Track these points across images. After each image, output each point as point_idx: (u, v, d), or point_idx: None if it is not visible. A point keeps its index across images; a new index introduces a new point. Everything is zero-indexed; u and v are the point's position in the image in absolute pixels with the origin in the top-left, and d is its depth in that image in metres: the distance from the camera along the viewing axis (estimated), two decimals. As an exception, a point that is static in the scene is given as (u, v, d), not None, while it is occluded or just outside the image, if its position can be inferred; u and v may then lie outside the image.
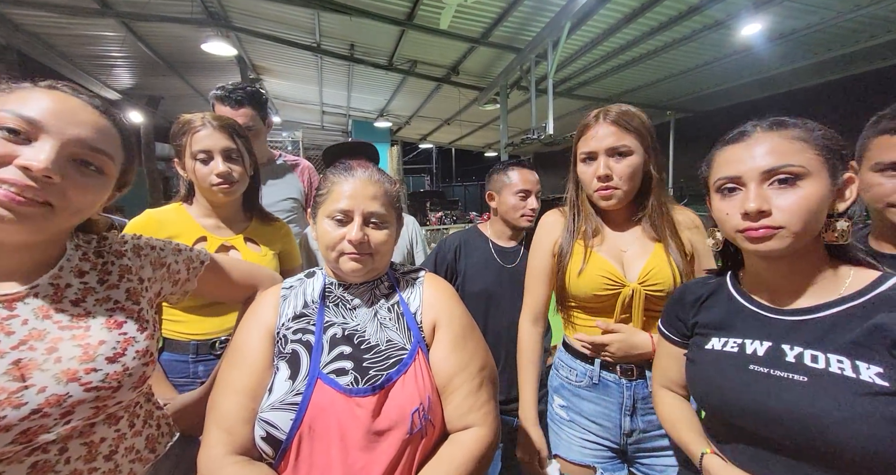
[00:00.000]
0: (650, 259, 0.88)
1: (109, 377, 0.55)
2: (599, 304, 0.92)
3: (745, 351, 0.61)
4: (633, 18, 4.15)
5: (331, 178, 0.73)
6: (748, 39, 4.42)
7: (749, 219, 0.58)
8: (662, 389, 0.79)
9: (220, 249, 1.03)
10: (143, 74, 6.54)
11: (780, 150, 0.57)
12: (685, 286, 0.77)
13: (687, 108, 7.53)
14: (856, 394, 0.50)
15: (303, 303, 0.72)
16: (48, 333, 0.54)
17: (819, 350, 0.55)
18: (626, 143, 0.86)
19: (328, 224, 0.70)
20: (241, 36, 5.28)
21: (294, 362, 0.65)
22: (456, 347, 0.70)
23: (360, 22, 4.64)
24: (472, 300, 1.21)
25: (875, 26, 4.13)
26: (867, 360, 0.52)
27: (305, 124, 11.26)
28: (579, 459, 0.95)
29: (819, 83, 5.60)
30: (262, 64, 6.66)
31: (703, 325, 0.70)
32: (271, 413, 0.61)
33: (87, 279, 0.61)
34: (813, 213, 0.56)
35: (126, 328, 0.60)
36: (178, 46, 5.53)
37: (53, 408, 0.51)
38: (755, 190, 0.58)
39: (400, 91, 7.41)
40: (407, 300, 0.74)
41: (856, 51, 4.58)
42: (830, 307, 0.57)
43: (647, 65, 5.39)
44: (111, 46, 5.43)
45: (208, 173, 0.99)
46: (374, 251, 0.70)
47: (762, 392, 0.57)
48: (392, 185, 0.75)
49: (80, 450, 0.55)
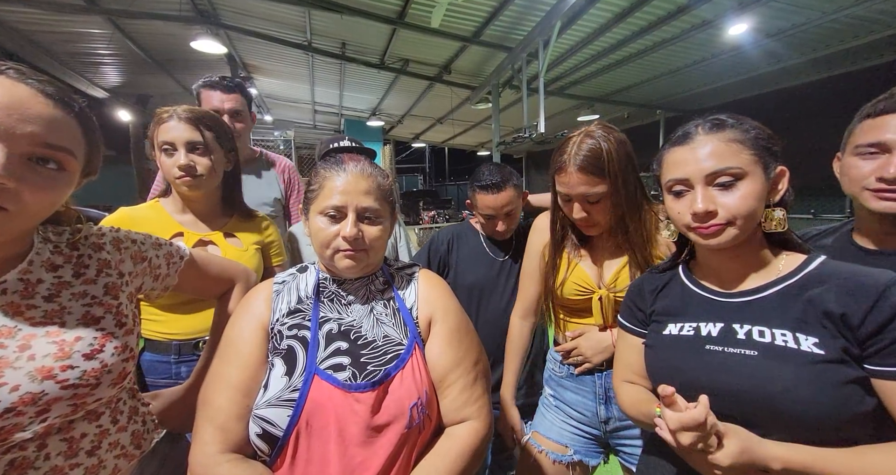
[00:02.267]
0: (618, 267, 0.96)
1: (87, 374, 0.54)
2: (578, 306, 1.00)
3: (700, 333, 0.67)
4: (623, 18, 4.19)
5: (322, 174, 0.71)
6: (735, 39, 4.48)
7: (698, 219, 0.64)
8: (624, 384, 0.81)
9: (198, 245, 1.02)
10: (132, 72, 6.45)
11: (719, 152, 0.63)
12: (642, 278, 0.83)
13: (676, 108, 7.62)
14: (798, 364, 0.56)
15: (297, 299, 0.71)
16: (19, 330, 0.52)
17: (765, 326, 0.61)
18: (596, 190, 0.90)
19: (321, 221, 0.69)
20: (231, 34, 5.23)
21: (290, 358, 0.64)
22: (452, 342, 0.71)
23: (352, 20, 4.62)
24: (463, 292, 1.23)
25: (858, 27, 4.22)
26: (805, 332, 0.58)
27: (297, 123, 11.18)
28: (556, 438, 1.00)
29: (806, 82, 5.69)
30: (253, 62, 6.60)
31: (659, 313, 0.75)
32: (268, 410, 0.60)
33: (61, 273, 0.58)
34: (753, 208, 0.62)
35: (104, 323, 0.58)
36: (167, 44, 5.46)
37: (28, 406, 0.49)
38: (702, 191, 0.63)
39: (392, 90, 7.39)
40: (402, 296, 0.74)
41: (840, 51, 4.67)
42: (770, 287, 0.64)
43: (636, 64, 5.45)
44: (98, 44, 5.34)
45: (171, 166, 0.97)
46: (369, 247, 0.70)
47: (718, 369, 0.62)
48: (385, 178, 0.74)
49: (60, 446, 0.54)
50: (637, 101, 7.17)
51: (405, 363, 0.65)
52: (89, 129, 0.56)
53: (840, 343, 0.55)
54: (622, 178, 0.90)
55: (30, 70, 0.52)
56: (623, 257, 0.96)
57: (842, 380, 0.54)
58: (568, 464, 0.98)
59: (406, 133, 11.69)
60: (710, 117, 0.66)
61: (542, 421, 1.05)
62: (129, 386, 0.66)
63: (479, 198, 1.18)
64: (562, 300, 1.00)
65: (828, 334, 0.56)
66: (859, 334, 0.55)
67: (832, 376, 0.54)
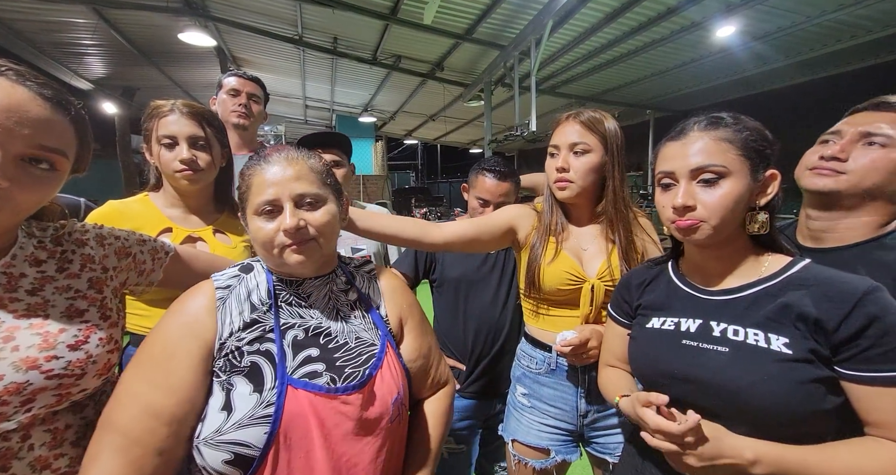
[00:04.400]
0: (607, 257, 0.97)
1: (72, 365, 0.54)
2: (563, 297, 0.98)
3: (679, 328, 0.69)
4: (614, 18, 4.23)
5: (246, 172, 0.66)
6: (723, 41, 4.56)
7: (677, 212, 0.65)
8: (606, 367, 0.85)
9: (187, 240, 1.01)
10: (118, 64, 6.31)
11: (707, 150, 0.64)
12: (631, 272, 0.85)
13: (666, 108, 7.72)
14: (766, 361, 0.59)
15: (249, 307, 0.63)
16: (3, 323, 0.53)
17: (739, 325, 0.63)
18: (586, 141, 0.93)
19: (258, 221, 0.63)
20: (221, 26, 5.15)
21: (255, 375, 0.59)
22: (423, 333, 0.77)
23: (344, 15, 4.59)
24: (450, 286, 1.24)
25: (841, 31, 4.32)
26: (776, 332, 0.60)
27: (288, 118, 11.06)
28: (535, 442, 1.00)
29: (791, 85, 5.82)
30: (243, 56, 6.51)
31: (645, 306, 0.77)
32: (239, 432, 0.55)
33: (45, 268, 0.59)
34: (731, 208, 0.63)
35: (88, 316, 0.59)
36: (154, 36, 5.36)
37: (13, 396, 0.50)
38: (685, 186, 0.65)
39: (384, 86, 7.36)
40: (369, 296, 0.74)
41: (824, 54, 4.78)
42: (750, 287, 0.66)
43: (627, 64, 5.50)
44: (82, 34, 5.22)
45: (172, 159, 0.98)
46: (318, 234, 0.64)
47: (690, 362, 0.65)
48: (317, 159, 0.69)
49: (44, 437, 0.54)
50: (627, 101, 7.24)
51: (381, 362, 0.66)
52: (82, 130, 0.57)
53: (809, 344, 0.57)
54: (617, 149, 0.94)
55: (29, 71, 0.53)
56: (605, 247, 0.97)
57: (806, 378, 0.56)
58: (553, 466, 0.98)
59: (398, 130, 11.65)
60: (711, 115, 0.67)
61: (517, 426, 1.03)
62: (113, 379, 0.66)
63: (482, 180, 1.21)
64: (548, 290, 0.97)
65: (799, 335, 0.58)
66: (833, 339, 0.56)
67: (797, 374, 0.56)
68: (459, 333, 1.21)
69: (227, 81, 1.55)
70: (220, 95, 1.55)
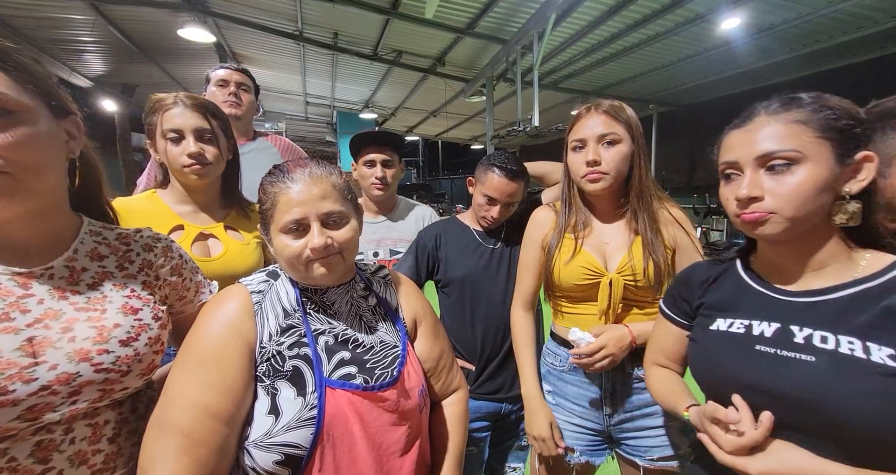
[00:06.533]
0: (629, 251, 0.92)
1: (120, 360, 0.56)
2: (581, 293, 0.96)
3: (751, 332, 0.61)
4: (618, 11, 4.18)
5: (270, 189, 0.66)
6: (727, 34, 4.50)
7: (741, 204, 0.59)
8: (654, 366, 0.80)
9: (199, 238, 0.99)
10: (117, 61, 6.27)
11: (775, 134, 0.57)
12: (692, 267, 0.77)
13: (669, 102, 7.66)
14: (864, 374, 0.50)
15: (283, 313, 0.67)
16: (64, 313, 0.55)
17: (829, 331, 0.55)
18: (615, 131, 0.90)
19: (285, 239, 0.65)
20: (220, 22, 5.10)
21: (297, 379, 0.62)
22: (436, 336, 0.81)
23: (344, 10, 4.54)
24: (455, 286, 1.21)
25: (847, 23, 4.26)
26: (879, 342, 0.51)
27: (289, 115, 11.01)
28: None
29: (795, 78, 5.76)
30: (243, 52, 6.46)
31: (708, 306, 0.70)
32: (287, 434, 0.58)
33: (106, 263, 0.62)
34: (807, 197, 0.55)
35: (141, 315, 0.62)
36: (153, 32, 5.32)
37: (62, 386, 0.51)
38: (750, 175, 0.58)
39: (385, 82, 7.31)
40: (388, 300, 0.77)
41: (829, 47, 4.72)
42: (844, 289, 0.57)
43: (630, 58, 5.45)
44: (80, 30, 5.18)
45: (179, 154, 0.95)
46: (342, 249, 0.67)
47: (766, 370, 0.57)
48: (339, 175, 0.71)
49: (85, 432, 0.55)
50: (630, 96, 7.19)
51: (405, 361, 0.71)
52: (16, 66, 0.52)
53: None
54: (641, 138, 0.92)
55: None
56: (628, 239, 0.93)
57: None
58: (576, 466, 0.97)
59: (399, 126, 11.59)
60: (784, 95, 0.60)
61: None
62: (153, 378, 0.68)
63: (491, 177, 1.14)
64: (566, 287, 0.95)
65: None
66: None
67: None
68: (468, 333, 1.19)
69: (215, 74, 1.54)
70: (210, 88, 1.53)
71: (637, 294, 0.93)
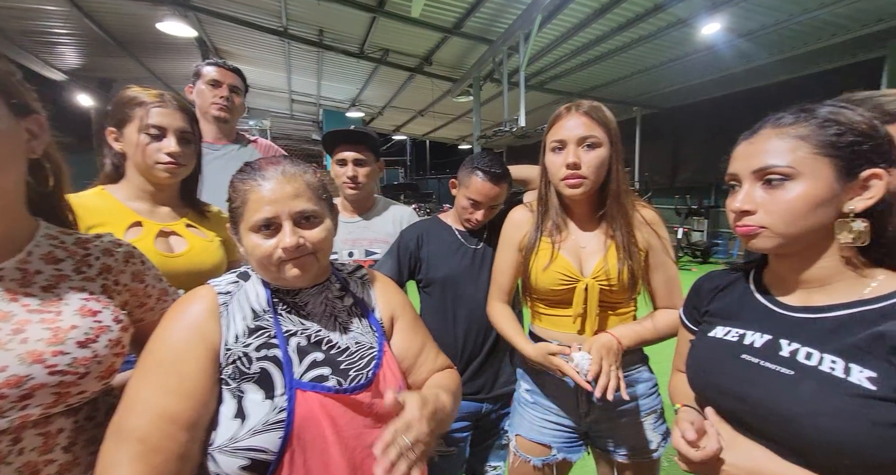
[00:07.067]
0: (605, 256, 0.93)
1: (77, 362, 0.54)
2: (558, 297, 0.96)
3: (743, 341, 0.62)
4: (602, 13, 4.23)
5: (240, 187, 0.64)
6: (708, 38, 4.61)
7: (736, 217, 0.61)
8: (676, 372, 0.81)
9: (160, 235, 0.95)
10: (93, 54, 6.06)
11: (774, 149, 0.57)
12: (706, 275, 0.77)
13: (653, 105, 7.80)
14: (837, 393, 0.51)
15: (252, 314, 0.65)
16: (14, 315, 0.53)
17: (816, 348, 0.55)
18: (595, 134, 0.89)
19: (255, 238, 0.63)
20: (202, 16, 4.98)
21: (265, 381, 0.60)
22: (414, 331, 0.79)
23: (329, 6, 4.49)
24: (437, 286, 1.21)
25: (822, 30, 4.41)
26: (861, 364, 0.51)
27: (274, 112, 10.82)
28: (537, 438, 0.99)
29: (774, 82, 5.92)
30: (225, 47, 6.33)
31: (712, 313, 0.71)
32: (254, 438, 0.56)
33: (62, 266, 0.60)
34: (798, 214, 0.55)
35: (101, 317, 0.60)
36: (131, 25, 5.16)
37: (12, 389, 0.49)
38: (747, 189, 0.59)
39: (372, 80, 7.25)
40: (365, 301, 0.75)
41: (806, 52, 4.87)
42: (843, 309, 0.56)
43: (614, 61, 5.53)
44: (54, 22, 4.99)
45: (157, 150, 0.93)
46: (316, 250, 0.66)
47: (745, 379, 0.59)
48: (312, 174, 0.69)
49: (35, 442, 0.52)
50: (615, 98, 7.29)
51: (382, 362, 0.69)
52: None
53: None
54: (618, 143, 0.92)
55: None
56: (603, 244, 0.94)
57: (889, 421, 0.48)
58: (554, 464, 0.98)
59: (386, 125, 11.52)
60: (798, 107, 0.59)
61: (521, 422, 1.03)
62: (112, 383, 0.65)
63: (475, 180, 1.13)
64: (542, 291, 0.96)
65: (893, 372, 0.49)
66: None
67: (877, 414, 0.48)
68: (449, 334, 1.18)
69: (207, 71, 1.47)
70: (199, 85, 1.47)
71: (612, 297, 0.94)
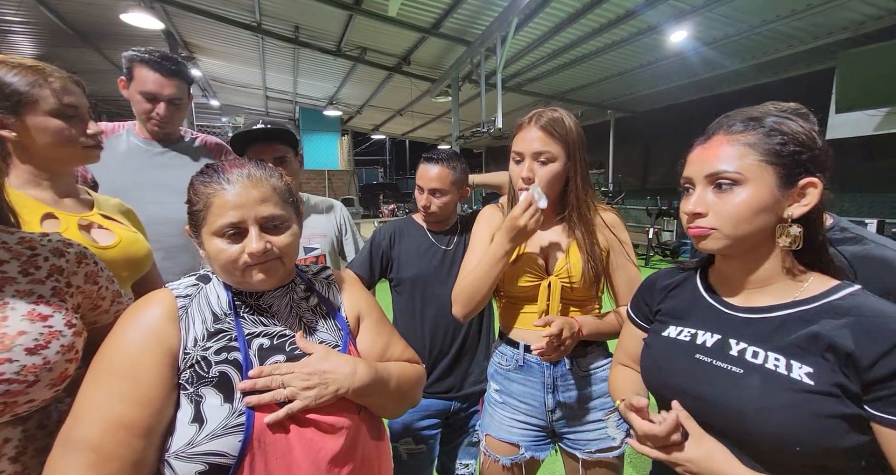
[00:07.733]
0: (566, 255, 0.97)
1: (26, 369, 0.51)
2: (524, 294, 1.00)
3: (695, 341, 0.65)
4: (576, 19, 4.33)
5: (202, 190, 0.62)
6: (676, 45, 4.79)
7: (689, 219, 0.64)
8: (618, 366, 0.83)
9: (81, 228, 0.85)
10: (49, 45, 5.74)
11: (725, 155, 0.60)
12: (657, 274, 0.80)
13: (626, 108, 8.04)
14: (781, 389, 0.55)
15: (212, 317, 0.63)
16: None
17: (761, 347, 0.59)
18: (550, 150, 0.92)
19: (219, 242, 0.61)
20: (169, 8, 4.80)
21: (224, 385, 0.59)
22: (380, 328, 0.79)
23: (305, 3, 4.41)
24: (406, 285, 1.22)
25: (779, 40, 4.66)
26: (800, 360, 0.55)
27: (248, 109, 10.55)
28: (506, 437, 1.01)
29: (738, 89, 6.23)
30: (195, 41, 6.12)
31: (664, 313, 0.74)
32: (212, 443, 0.55)
33: (6, 269, 0.57)
34: (744, 218, 0.58)
35: (52, 321, 0.57)
36: (92, 15, 4.92)
37: None
38: (699, 192, 0.62)
39: (350, 79, 7.17)
40: (331, 301, 0.75)
41: (766, 61, 5.14)
42: (782, 309, 0.60)
43: (589, 65, 5.67)
44: (5, 9, 4.70)
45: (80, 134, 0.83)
46: (282, 255, 0.65)
47: (699, 378, 0.62)
48: (279, 178, 0.67)
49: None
50: (590, 101, 7.48)
51: None
52: None
53: (837, 378, 0.53)
54: (579, 152, 0.95)
55: None
56: (566, 243, 0.98)
57: (826, 412, 0.52)
58: (522, 462, 1.00)
59: (365, 124, 11.41)
60: (747, 116, 0.62)
61: (490, 421, 1.05)
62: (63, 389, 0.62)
63: (420, 168, 1.23)
64: (510, 287, 0.99)
65: (826, 366, 0.54)
66: (866, 376, 0.52)
67: (816, 407, 0.52)
68: (417, 333, 1.19)
69: (142, 78, 1.21)
70: (133, 94, 1.23)
71: (574, 295, 0.98)
